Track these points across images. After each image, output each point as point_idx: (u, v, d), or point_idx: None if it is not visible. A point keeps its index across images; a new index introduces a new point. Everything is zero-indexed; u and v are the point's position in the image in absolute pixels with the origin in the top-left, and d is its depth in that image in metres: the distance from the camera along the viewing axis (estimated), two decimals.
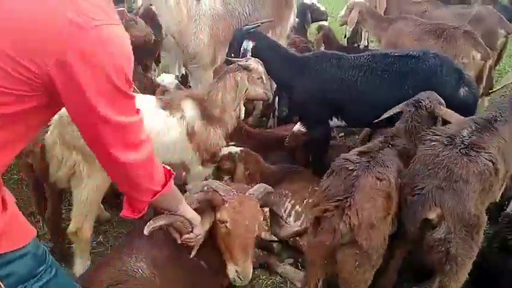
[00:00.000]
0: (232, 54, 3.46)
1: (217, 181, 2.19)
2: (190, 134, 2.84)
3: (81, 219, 2.59)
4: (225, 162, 3.20)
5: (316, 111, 3.23)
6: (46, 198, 2.93)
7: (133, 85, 1.34)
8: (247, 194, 2.14)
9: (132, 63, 1.29)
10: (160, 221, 1.94)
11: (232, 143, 3.40)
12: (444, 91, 2.77)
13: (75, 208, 2.61)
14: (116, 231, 3.33)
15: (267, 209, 2.46)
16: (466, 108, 2.73)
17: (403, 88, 2.84)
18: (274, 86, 3.87)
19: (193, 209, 1.98)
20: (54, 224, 2.95)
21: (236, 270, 2.02)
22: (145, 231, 1.93)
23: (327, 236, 1.96)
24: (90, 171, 2.50)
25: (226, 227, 2.04)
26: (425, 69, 2.83)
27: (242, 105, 3.00)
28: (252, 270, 2.05)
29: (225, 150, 3.20)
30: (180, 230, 1.99)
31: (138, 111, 1.39)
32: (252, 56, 3.30)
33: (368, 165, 2.07)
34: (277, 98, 4.37)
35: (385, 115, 2.71)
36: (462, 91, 2.79)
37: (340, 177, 2.08)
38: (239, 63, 2.93)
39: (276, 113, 4.76)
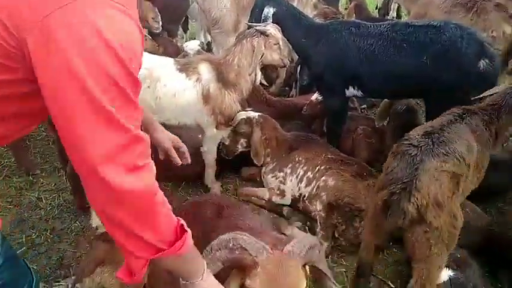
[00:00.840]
0: (254, 20, 3.44)
1: (245, 234, 1.56)
2: (206, 97, 2.88)
3: None
4: (242, 126, 3.22)
5: (332, 80, 3.18)
6: None
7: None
8: (285, 250, 1.54)
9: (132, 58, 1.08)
10: None
11: (251, 109, 3.43)
12: (463, 62, 2.70)
13: None
14: None
15: None
16: (484, 80, 2.65)
17: (422, 58, 2.75)
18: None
19: (215, 274, 1.51)
20: (74, 179, 3.01)
21: None
22: None
23: (395, 218, 1.94)
24: None
25: None
26: (445, 40, 2.71)
27: (258, 70, 2.99)
28: None
29: (243, 115, 3.23)
30: None
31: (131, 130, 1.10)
32: (272, 22, 3.29)
33: (432, 148, 2.03)
34: (299, 67, 4.36)
35: (486, 93, 2.53)
36: (482, 63, 2.69)
37: (404, 160, 2.03)
38: (256, 28, 2.92)
39: (298, 83, 4.76)
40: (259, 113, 3.31)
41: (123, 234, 1.19)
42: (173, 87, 2.80)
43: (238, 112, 3.08)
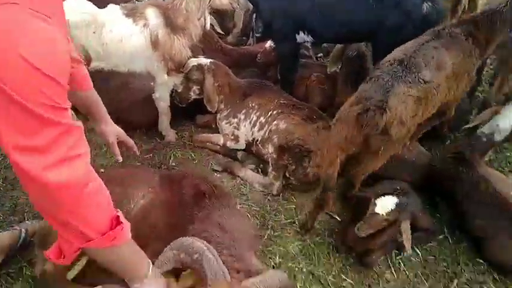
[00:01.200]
0: None
1: (214, 253, 1.57)
2: (154, 43, 2.81)
3: None
4: (193, 72, 3.21)
5: (282, 26, 3.17)
6: None
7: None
8: (244, 284, 1.58)
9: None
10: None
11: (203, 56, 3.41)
12: (407, 5, 2.77)
13: None
14: None
15: None
16: (427, 23, 2.72)
17: (367, 2, 2.79)
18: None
19: (168, 270, 1.60)
20: None
21: None
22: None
23: (369, 128, 2.29)
24: None
25: None
26: None
27: (207, 15, 2.95)
28: None
29: (194, 61, 3.20)
30: None
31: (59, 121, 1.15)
32: None
33: (401, 75, 2.34)
34: (254, 16, 4.32)
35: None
36: (425, 6, 2.76)
37: (377, 84, 2.37)
38: None
39: (255, 32, 4.72)
40: (211, 60, 3.29)
41: (55, 222, 1.27)
42: (119, 32, 2.74)
43: (189, 58, 3.06)
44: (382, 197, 2.39)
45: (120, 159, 2.28)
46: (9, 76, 1.05)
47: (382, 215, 2.32)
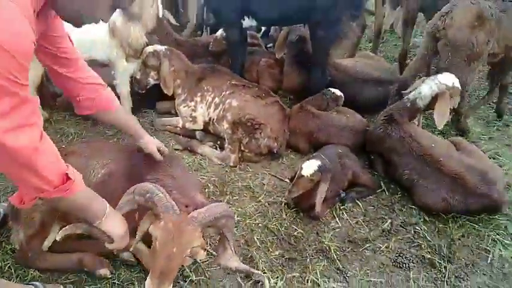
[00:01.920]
0: None
1: (162, 191, 1.86)
2: (112, 30, 3.06)
3: None
4: (150, 58, 3.43)
5: (229, 13, 3.45)
6: None
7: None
8: (190, 215, 1.84)
9: None
10: (74, 229, 1.85)
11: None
12: None
13: None
14: None
15: None
16: (354, 2, 3.10)
17: None
18: None
19: (130, 209, 1.89)
20: None
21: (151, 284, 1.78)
22: (58, 238, 1.86)
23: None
24: None
25: (155, 243, 1.83)
26: None
27: (159, 3, 3.22)
28: None
29: (150, 48, 3.43)
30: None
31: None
32: None
33: None
34: (205, 8, 4.60)
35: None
36: None
37: None
38: None
39: (207, 23, 4.98)
40: (166, 46, 3.54)
41: (13, 177, 1.47)
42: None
43: (145, 45, 3.30)
44: (307, 161, 2.68)
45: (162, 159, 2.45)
46: None
47: (307, 176, 2.60)
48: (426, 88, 3.06)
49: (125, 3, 1.62)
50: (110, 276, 2.26)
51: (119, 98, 3.43)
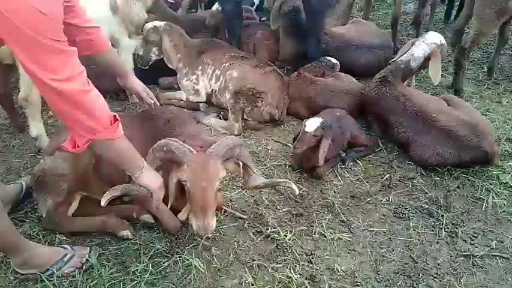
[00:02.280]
0: None
1: (176, 140, 2.08)
2: (114, 8, 3.14)
3: (29, 85, 2.83)
4: (151, 34, 3.53)
5: None
6: None
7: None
8: (207, 152, 2.05)
9: None
10: (114, 192, 2.05)
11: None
12: None
13: (21, 77, 2.84)
14: None
15: None
16: None
17: None
18: None
19: (156, 167, 2.11)
20: (5, 98, 3.25)
21: (197, 224, 2.03)
22: (102, 203, 2.03)
23: None
24: None
25: (187, 186, 2.04)
26: None
27: None
28: (213, 224, 2.06)
29: (150, 24, 3.53)
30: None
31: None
32: None
33: None
34: None
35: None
36: None
37: None
38: None
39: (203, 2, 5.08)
40: (165, 22, 3.63)
41: (69, 120, 1.69)
42: (83, 2, 3.04)
43: (146, 21, 3.40)
44: (310, 119, 2.84)
45: (150, 101, 2.75)
46: (25, 20, 1.43)
47: (310, 132, 2.75)
48: (419, 50, 3.19)
49: None
50: (132, 237, 2.43)
51: None
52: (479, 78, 4.19)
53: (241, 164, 2.22)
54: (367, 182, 2.95)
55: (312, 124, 2.77)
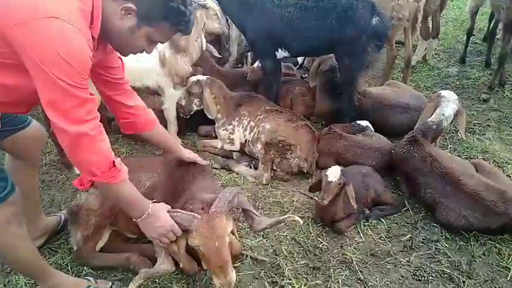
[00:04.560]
0: None
1: (177, 210, 2.14)
2: (162, 61, 3.40)
3: None
4: (193, 87, 3.75)
5: (264, 45, 3.71)
6: None
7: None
8: (210, 212, 2.11)
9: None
10: (138, 280, 2.10)
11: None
12: (360, 20, 3.31)
13: None
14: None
15: None
16: (377, 34, 3.28)
17: (328, 20, 3.33)
18: None
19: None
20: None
21: (220, 282, 2.07)
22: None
23: None
24: None
25: (200, 249, 2.08)
26: (344, 4, 3.30)
27: (203, 37, 3.54)
28: (234, 276, 2.10)
29: (194, 78, 3.76)
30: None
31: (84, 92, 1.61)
32: None
33: None
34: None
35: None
36: (374, 20, 3.31)
37: None
38: (198, 2, 3.48)
39: (249, 59, 5.33)
40: (208, 76, 3.85)
41: (75, 161, 1.80)
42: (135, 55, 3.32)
43: (190, 74, 3.63)
44: (328, 169, 2.86)
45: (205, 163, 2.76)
46: (52, 65, 1.52)
47: (334, 181, 2.76)
48: (449, 109, 3.19)
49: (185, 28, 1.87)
50: None
51: (166, 122, 3.81)
52: None
53: (243, 210, 2.32)
54: (389, 241, 2.88)
55: (334, 173, 2.80)
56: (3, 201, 1.91)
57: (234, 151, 3.83)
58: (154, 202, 2.10)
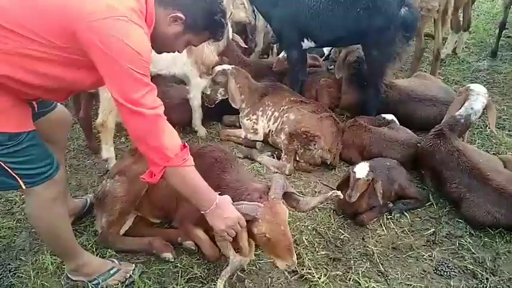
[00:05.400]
0: None
1: (243, 202, 2.14)
2: (189, 50, 3.41)
3: (107, 113, 3.14)
4: (219, 76, 3.75)
5: (290, 35, 3.67)
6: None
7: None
8: (271, 197, 2.16)
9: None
10: (224, 278, 2.08)
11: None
12: (388, 10, 3.23)
13: (101, 105, 3.15)
14: None
15: None
16: (406, 24, 3.21)
17: (355, 10, 3.26)
18: None
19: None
20: (85, 123, 3.60)
21: (286, 264, 2.14)
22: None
23: None
24: None
25: (266, 237, 2.09)
26: None
27: (230, 27, 3.55)
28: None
29: (219, 67, 3.77)
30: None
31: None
32: None
33: None
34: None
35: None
36: (403, 10, 3.23)
37: None
38: None
39: (275, 50, 5.30)
40: (233, 66, 3.85)
41: (146, 147, 1.81)
42: None
43: (216, 63, 3.64)
44: (357, 165, 2.82)
45: None
46: (123, 56, 1.64)
47: (363, 178, 2.73)
48: (477, 103, 3.09)
49: (221, 36, 2.09)
50: (173, 260, 2.54)
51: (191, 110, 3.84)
52: None
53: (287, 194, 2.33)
54: (411, 235, 2.83)
55: (362, 169, 2.77)
56: (50, 179, 1.97)
57: (257, 141, 3.83)
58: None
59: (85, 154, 3.74)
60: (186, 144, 1.92)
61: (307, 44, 3.68)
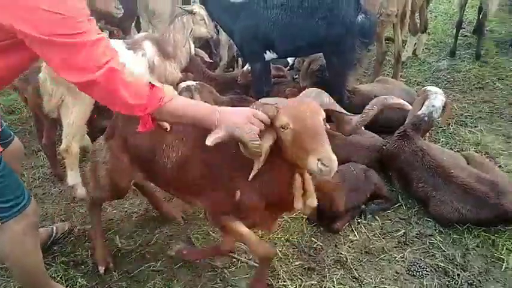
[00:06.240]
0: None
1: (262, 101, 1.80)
2: (151, 68, 3.39)
3: (70, 138, 3.06)
4: (184, 93, 3.70)
5: (252, 48, 3.67)
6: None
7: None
8: (299, 97, 1.89)
9: None
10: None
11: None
12: (345, 18, 3.27)
13: (64, 131, 3.07)
14: None
15: None
16: (363, 31, 3.26)
17: (314, 20, 3.28)
18: None
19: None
20: (50, 148, 3.50)
21: (318, 159, 1.60)
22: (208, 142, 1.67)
23: None
24: (74, 100, 2.94)
25: (290, 128, 1.69)
26: (329, 3, 3.25)
27: (191, 43, 3.53)
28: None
29: (183, 84, 3.73)
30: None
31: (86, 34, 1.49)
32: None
33: None
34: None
35: None
36: (360, 17, 3.28)
37: None
38: (185, 8, 3.47)
39: (240, 63, 5.30)
40: (197, 82, 3.82)
41: (119, 107, 1.65)
42: (125, 62, 3.30)
43: (180, 79, 3.61)
44: None
45: None
46: (41, 23, 1.45)
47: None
48: (437, 101, 3.20)
49: None
50: None
51: None
52: (509, 135, 4.00)
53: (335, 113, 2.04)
54: (383, 237, 2.86)
55: None
56: (20, 213, 1.88)
57: None
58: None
59: (50, 182, 3.62)
60: (151, 82, 1.72)
61: (269, 55, 3.69)
